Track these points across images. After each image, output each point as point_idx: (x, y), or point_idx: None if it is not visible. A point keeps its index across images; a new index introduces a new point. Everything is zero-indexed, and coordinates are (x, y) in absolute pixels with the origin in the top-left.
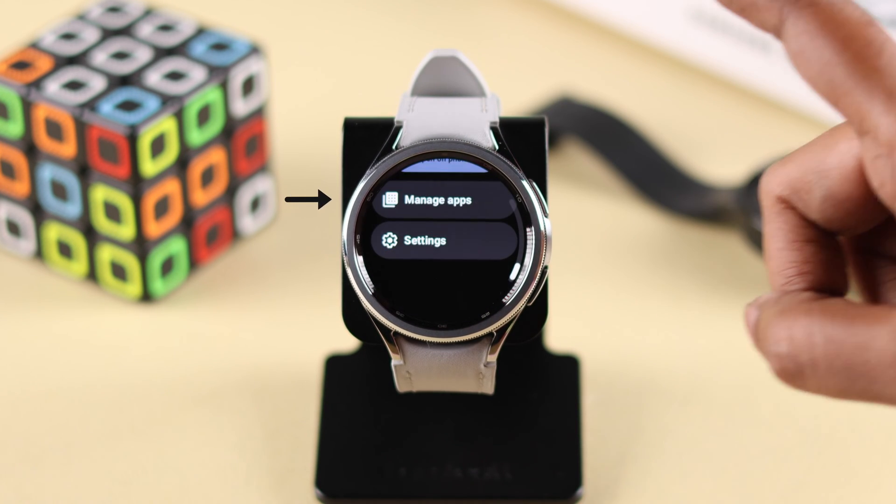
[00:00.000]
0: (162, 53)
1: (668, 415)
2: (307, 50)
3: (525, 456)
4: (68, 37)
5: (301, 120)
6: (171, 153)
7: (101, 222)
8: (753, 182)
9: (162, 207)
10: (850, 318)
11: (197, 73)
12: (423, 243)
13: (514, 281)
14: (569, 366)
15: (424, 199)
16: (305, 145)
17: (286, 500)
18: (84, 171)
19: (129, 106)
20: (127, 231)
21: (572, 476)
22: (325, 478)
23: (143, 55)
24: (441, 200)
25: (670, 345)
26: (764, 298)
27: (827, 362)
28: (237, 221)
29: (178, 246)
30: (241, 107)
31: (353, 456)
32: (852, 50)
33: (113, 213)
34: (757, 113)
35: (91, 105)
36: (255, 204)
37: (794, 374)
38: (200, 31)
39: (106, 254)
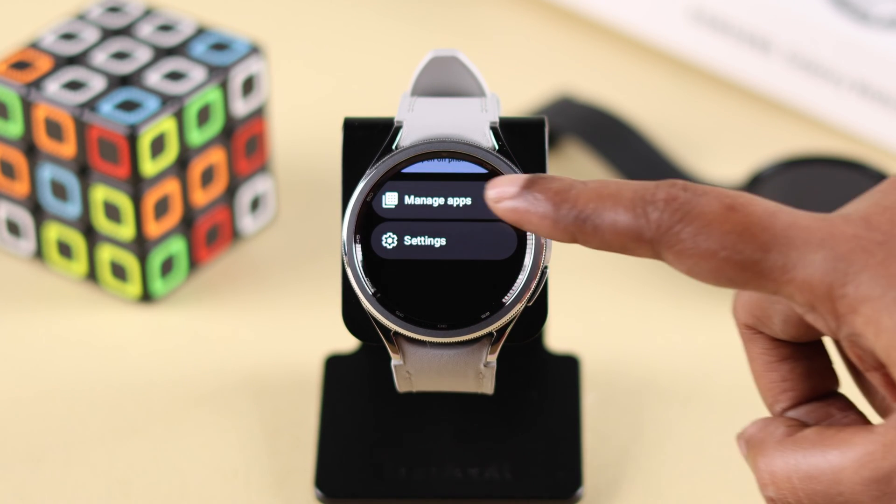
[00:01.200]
0: (162, 53)
1: (668, 415)
2: (307, 50)
3: (525, 456)
4: (68, 37)
5: (301, 120)
6: (171, 153)
7: (101, 222)
8: (753, 182)
9: (162, 207)
10: (821, 449)
11: (197, 73)
12: (422, 243)
13: (514, 281)
14: (569, 366)
15: (424, 199)
16: (305, 145)
17: (286, 500)
18: (84, 171)
19: (129, 106)
20: (127, 231)
21: (572, 476)
22: (325, 478)
23: (143, 55)
24: (441, 201)
25: (670, 345)
26: (748, 433)
27: (809, 499)
28: (237, 221)
29: (178, 246)
30: (241, 107)
31: (353, 456)
32: (737, 233)
33: (113, 213)
34: (757, 113)
35: (91, 105)
36: (255, 204)
37: None
38: (200, 31)
39: (106, 254)
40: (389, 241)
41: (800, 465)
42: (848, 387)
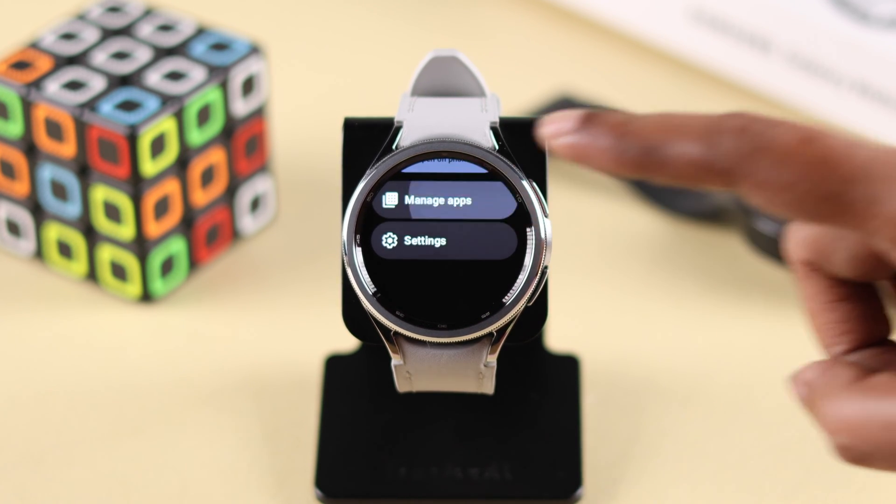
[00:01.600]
0: (162, 53)
1: (668, 415)
2: (307, 50)
3: (525, 456)
4: (68, 37)
5: (301, 120)
6: (171, 153)
7: (101, 222)
8: None
9: (162, 207)
10: None
11: (197, 73)
12: (423, 244)
13: (514, 281)
14: (569, 366)
15: (424, 199)
16: (305, 145)
17: (286, 500)
18: (84, 171)
19: (129, 106)
20: (127, 231)
21: (572, 476)
22: (325, 478)
23: (143, 55)
24: (441, 201)
25: (670, 345)
26: (809, 375)
27: (890, 448)
28: (237, 221)
29: (178, 246)
30: (241, 107)
31: (353, 456)
32: (816, 165)
33: (113, 213)
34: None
35: (91, 105)
36: (255, 204)
37: (862, 459)
38: (200, 31)
39: (106, 254)
40: (389, 241)
41: (879, 412)
42: None
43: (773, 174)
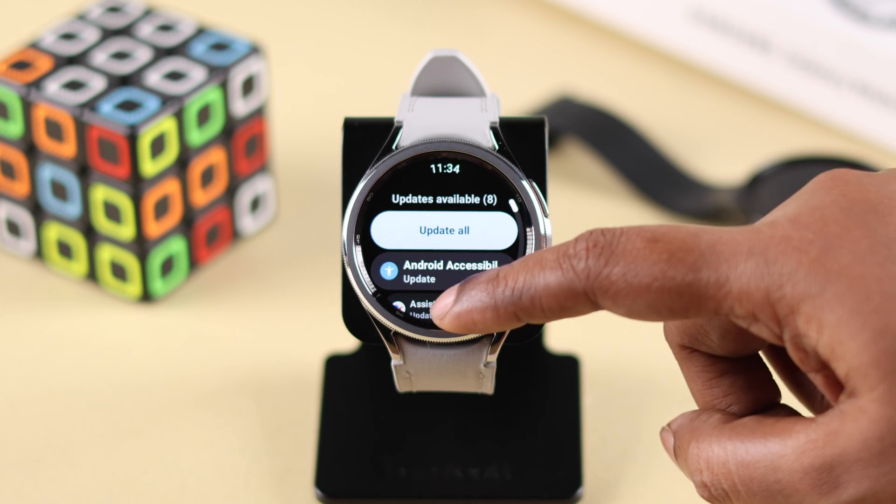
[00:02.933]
0: (162, 53)
1: (668, 415)
2: (307, 50)
3: (525, 456)
4: (68, 37)
5: (301, 120)
6: (171, 153)
7: (101, 222)
8: (753, 182)
9: (162, 207)
10: (760, 437)
11: (197, 73)
12: (423, 281)
13: None
14: (569, 366)
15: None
16: (305, 145)
17: (286, 500)
18: (84, 171)
19: (129, 106)
20: (127, 231)
21: (572, 476)
22: (325, 478)
23: (143, 55)
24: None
25: None
26: (677, 423)
27: (745, 487)
28: (237, 221)
29: (178, 246)
30: (241, 107)
31: (353, 456)
32: (664, 261)
33: (113, 213)
34: (757, 113)
35: (91, 105)
36: (255, 204)
37: (720, 499)
38: (200, 31)
39: (106, 254)
40: (389, 270)
41: (737, 451)
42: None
43: (628, 280)
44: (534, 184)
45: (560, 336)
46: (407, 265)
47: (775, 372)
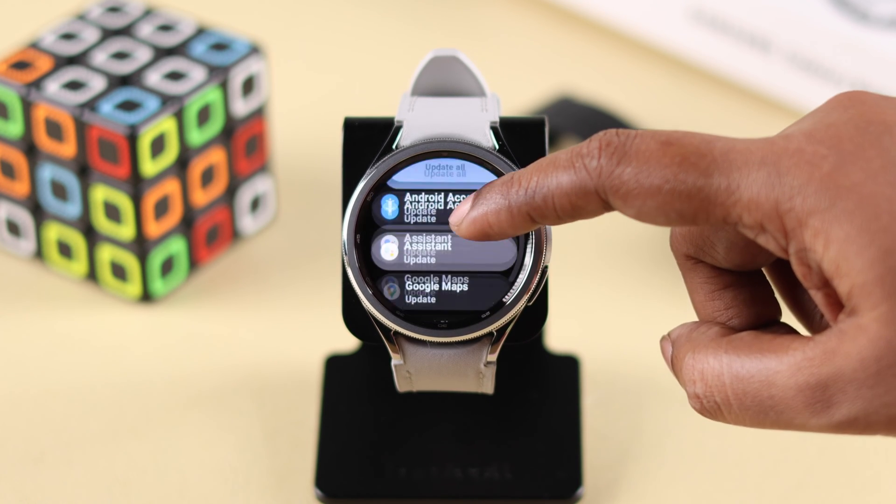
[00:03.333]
0: (162, 53)
1: (668, 415)
2: (307, 50)
3: (525, 456)
4: (68, 37)
5: (301, 120)
6: (171, 153)
7: (101, 222)
8: None
9: (162, 207)
10: (757, 352)
11: (197, 73)
12: (421, 286)
13: (515, 281)
14: (569, 366)
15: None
16: (305, 145)
17: (286, 500)
18: (84, 171)
19: (129, 106)
20: (127, 231)
21: (572, 476)
22: (325, 478)
23: (143, 55)
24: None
25: None
26: (676, 332)
27: (738, 401)
28: (237, 221)
29: (178, 246)
30: (241, 107)
31: (353, 456)
32: (677, 164)
33: (113, 213)
34: (757, 113)
35: (91, 105)
36: (255, 204)
37: (712, 411)
38: (200, 31)
39: (106, 254)
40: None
41: (733, 365)
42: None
43: (639, 181)
44: None
45: (560, 336)
46: (407, 245)
47: (776, 289)
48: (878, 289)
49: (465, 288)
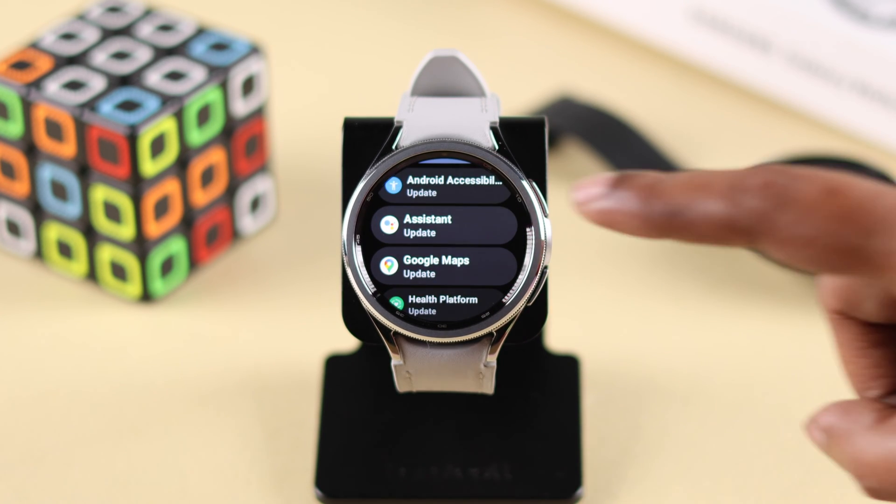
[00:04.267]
0: (162, 53)
1: (668, 415)
2: (307, 50)
3: (525, 456)
4: (68, 37)
5: (301, 120)
6: (171, 153)
7: (101, 222)
8: None
9: (162, 207)
10: None
11: (197, 73)
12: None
13: (514, 281)
14: (569, 366)
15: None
16: (305, 145)
17: (286, 500)
18: (84, 171)
19: (129, 106)
20: (127, 231)
21: (572, 476)
22: (325, 478)
23: (143, 55)
24: (440, 202)
25: (670, 345)
26: (826, 420)
27: None
28: (237, 221)
29: (178, 246)
30: (241, 107)
31: (353, 456)
32: (838, 219)
33: (113, 213)
34: (757, 113)
35: (91, 105)
36: (255, 204)
37: (889, 498)
38: (200, 31)
39: (106, 254)
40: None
41: None
42: None
43: (795, 231)
44: (534, 184)
45: (560, 336)
46: (407, 260)
47: None
48: None
49: (465, 262)
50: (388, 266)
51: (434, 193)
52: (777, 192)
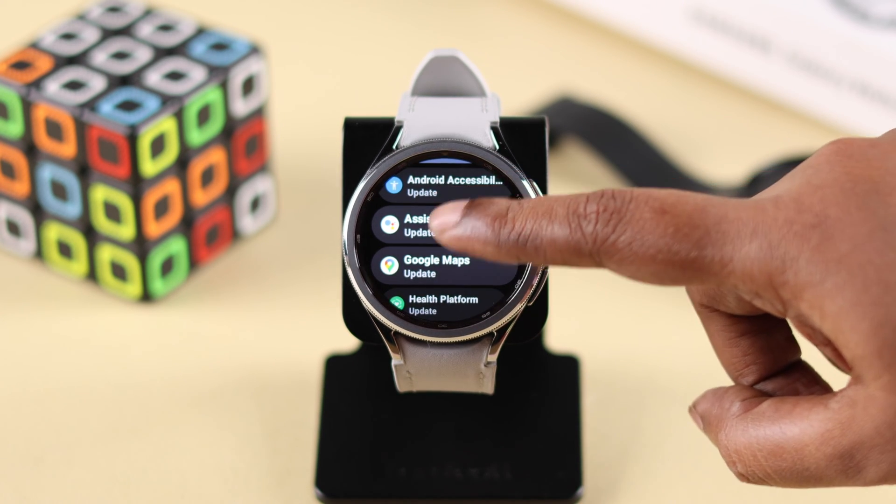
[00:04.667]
0: (162, 53)
1: (668, 415)
2: (307, 50)
3: (525, 456)
4: (68, 37)
5: (301, 120)
6: (171, 153)
7: (101, 222)
8: (753, 182)
9: (162, 207)
10: (780, 425)
11: (197, 73)
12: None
13: (515, 281)
14: (569, 366)
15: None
16: (305, 145)
17: (286, 500)
18: (84, 171)
19: (129, 106)
20: (127, 231)
21: (572, 476)
22: (325, 478)
23: (143, 55)
24: (441, 201)
25: (670, 345)
26: (702, 407)
27: (777, 474)
28: (237, 221)
29: (178, 246)
30: (241, 107)
31: (353, 456)
32: (670, 235)
33: (113, 213)
34: (757, 113)
35: (91, 105)
36: (255, 204)
37: (761, 481)
38: (200, 31)
39: (106, 254)
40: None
41: (761, 442)
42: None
43: (633, 249)
44: (534, 183)
45: (560, 336)
46: (407, 260)
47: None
48: (877, 360)
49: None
50: (389, 266)
51: (435, 193)
52: (611, 215)
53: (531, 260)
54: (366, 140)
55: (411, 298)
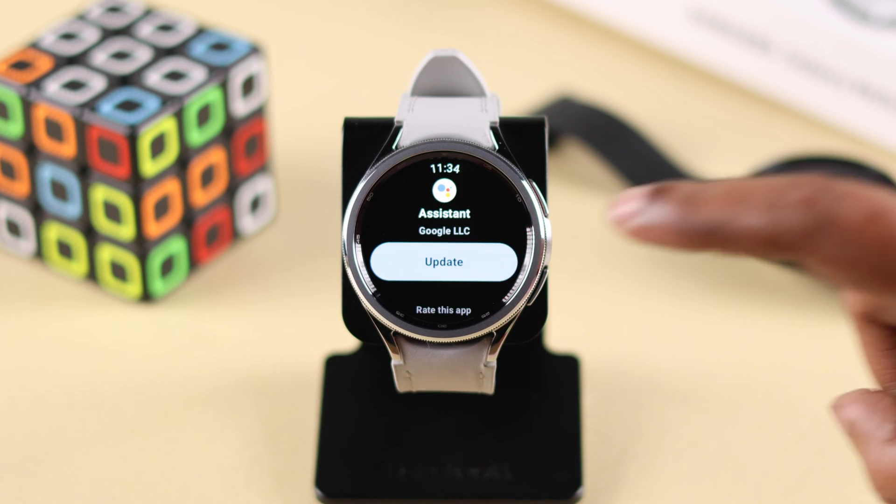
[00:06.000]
0: (162, 53)
1: (668, 415)
2: (307, 50)
3: (525, 456)
4: (68, 37)
5: (301, 120)
6: (171, 153)
7: (101, 222)
8: None
9: (162, 207)
10: None
11: (197, 73)
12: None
13: (514, 281)
14: (569, 366)
15: None
16: (305, 145)
17: (286, 500)
18: (84, 171)
19: (129, 106)
20: (127, 231)
21: (572, 476)
22: (325, 478)
23: (143, 55)
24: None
25: (670, 345)
26: (853, 413)
27: None
28: (237, 221)
29: (178, 246)
30: (241, 107)
31: (353, 456)
32: (882, 245)
33: (113, 213)
34: (757, 113)
35: (91, 105)
36: (255, 204)
37: None
38: (200, 31)
39: (106, 254)
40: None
41: None
42: None
43: (838, 252)
44: (534, 184)
45: (560, 336)
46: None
47: None
48: None
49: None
50: (389, 266)
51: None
52: (819, 210)
53: (718, 248)
54: (365, 140)
55: (411, 298)
